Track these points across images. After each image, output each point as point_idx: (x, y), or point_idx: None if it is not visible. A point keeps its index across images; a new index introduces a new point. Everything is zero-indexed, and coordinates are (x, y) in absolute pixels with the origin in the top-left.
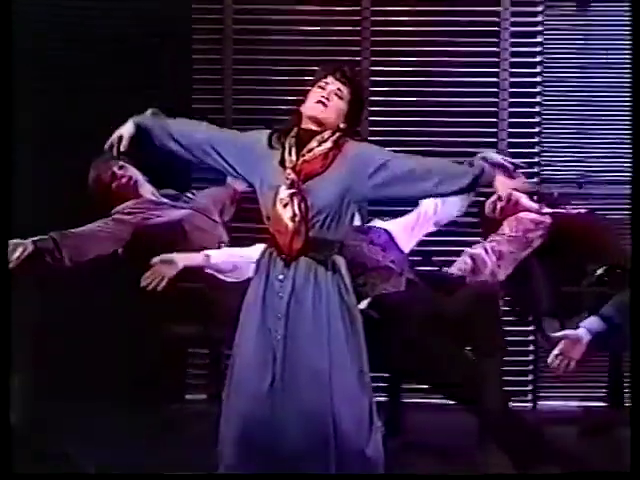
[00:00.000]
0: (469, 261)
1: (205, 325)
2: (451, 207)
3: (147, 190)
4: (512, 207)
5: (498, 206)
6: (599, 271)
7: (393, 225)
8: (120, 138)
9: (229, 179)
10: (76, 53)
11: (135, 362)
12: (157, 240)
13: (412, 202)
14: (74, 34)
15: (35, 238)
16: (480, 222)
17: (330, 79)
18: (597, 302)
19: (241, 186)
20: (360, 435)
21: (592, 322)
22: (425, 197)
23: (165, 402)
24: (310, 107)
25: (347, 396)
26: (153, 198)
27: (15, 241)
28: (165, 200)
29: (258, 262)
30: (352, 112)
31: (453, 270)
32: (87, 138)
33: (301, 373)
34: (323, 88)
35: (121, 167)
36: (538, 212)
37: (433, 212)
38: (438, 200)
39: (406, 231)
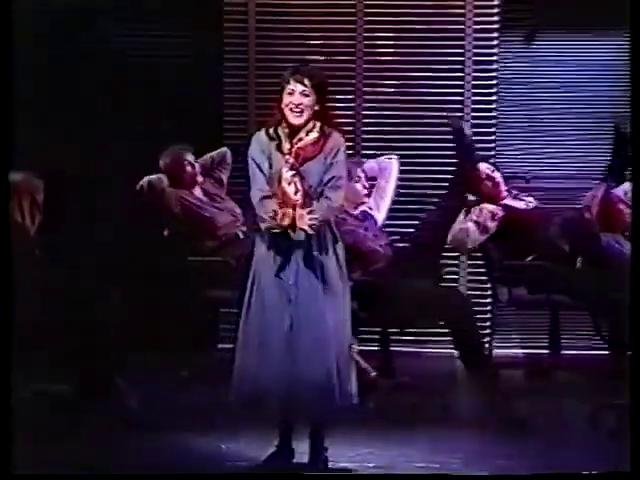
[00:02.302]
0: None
1: (232, 290)
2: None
3: (198, 189)
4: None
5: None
6: (536, 254)
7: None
8: None
9: None
10: (77, 55)
11: (180, 319)
12: (196, 227)
13: None
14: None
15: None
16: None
17: (293, 83)
18: (536, 274)
19: None
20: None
21: None
22: None
23: (202, 349)
24: (289, 116)
25: (340, 338)
26: (199, 195)
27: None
28: (204, 199)
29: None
30: (320, 96)
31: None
32: (87, 138)
33: (309, 318)
34: (292, 94)
35: (193, 160)
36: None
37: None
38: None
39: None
